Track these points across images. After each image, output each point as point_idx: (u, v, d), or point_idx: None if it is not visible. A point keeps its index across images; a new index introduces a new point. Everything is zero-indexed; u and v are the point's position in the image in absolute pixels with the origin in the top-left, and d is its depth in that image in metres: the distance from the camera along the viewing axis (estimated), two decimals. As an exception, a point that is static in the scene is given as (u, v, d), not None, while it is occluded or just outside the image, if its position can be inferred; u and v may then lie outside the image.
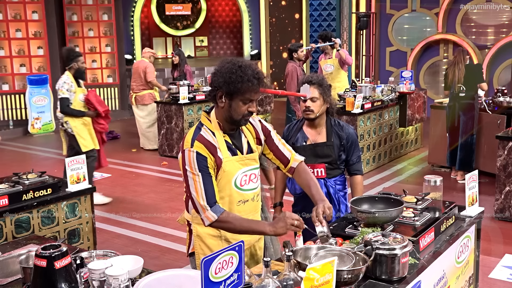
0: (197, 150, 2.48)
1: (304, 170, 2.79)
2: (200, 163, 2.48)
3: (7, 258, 2.61)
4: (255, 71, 2.48)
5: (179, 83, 8.77)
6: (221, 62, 2.56)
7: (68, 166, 3.86)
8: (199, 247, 2.66)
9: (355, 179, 3.53)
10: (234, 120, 2.54)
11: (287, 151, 2.80)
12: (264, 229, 2.48)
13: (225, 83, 2.46)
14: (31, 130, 10.65)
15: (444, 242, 2.73)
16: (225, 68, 2.49)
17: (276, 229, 2.44)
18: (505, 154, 5.47)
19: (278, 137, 2.81)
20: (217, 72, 2.52)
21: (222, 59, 2.59)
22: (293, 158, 2.80)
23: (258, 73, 2.49)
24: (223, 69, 2.49)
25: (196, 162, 2.48)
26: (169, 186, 7.03)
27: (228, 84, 2.46)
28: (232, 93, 2.47)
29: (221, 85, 2.48)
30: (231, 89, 2.46)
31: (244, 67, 2.47)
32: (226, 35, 17.45)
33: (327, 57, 8.26)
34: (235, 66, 2.47)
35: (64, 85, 5.96)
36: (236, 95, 2.47)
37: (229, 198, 2.59)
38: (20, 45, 11.01)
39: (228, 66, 2.49)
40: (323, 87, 3.41)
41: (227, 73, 2.46)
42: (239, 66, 2.48)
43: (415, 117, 8.29)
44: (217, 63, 2.60)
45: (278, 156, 2.78)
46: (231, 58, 2.57)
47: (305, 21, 13.21)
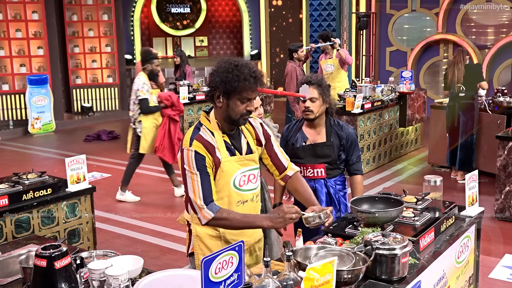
0: (195, 149, 2.49)
1: (299, 179, 2.83)
2: (199, 162, 2.48)
3: (7, 258, 2.61)
4: (251, 70, 2.48)
5: (179, 83, 8.81)
6: (218, 62, 2.56)
7: (68, 166, 3.86)
8: (198, 247, 2.66)
9: (355, 179, 3.53)
10: (232, 120, 2.54)
11: (285, 159, 2.82)
12: (261, 224, 2.48)
13: (222, 83, 2.47)
14: (31, 130, 10.65)
15: (444, 242, 2.73)
16: (222, 67, 2.50)
17: (274, 224, 2.44)
18: (505, 154, 5.47)
19: (277, 144, 2.83)
20: (214, 72, 2.52)
21: (219, 59, 2.60)
22: (290, 166, 2.82)
23: (255, 72, 2.49)
24: (220, 69, 2.50)
25: (195, 161, 2.48)
26: (169, 186, 7.02)
27: (225, 83, 2.46)
28: (229, 92, 2.48)
29: (218, 84, 2.48)
30: (228, 88, 2.46)
31: (241, 66, 2.47)
32: (226, 35, 17.44)
33: (328, 57, 8.26)
34: (232, 65, 2.48)
35: (144, 86, 6.16)
36: (233, 94, 2.48)
37: (228, 198, 2.59)
38: (20, 45, 11.01)
39: (225, 66, 2.49)
40: (322, 87, 3.41)
41: (224, 73, 2.47)
42: (235, 65, 2.48)
43: (415, 117, 8.29)
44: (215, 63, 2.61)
45: (275, 163, 2.79)
46: (228, 58, 2.57)
47: (305, 21, 13.20)
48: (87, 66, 12.24)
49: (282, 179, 2.83)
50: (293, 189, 2.83)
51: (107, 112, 12.42)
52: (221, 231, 2.62)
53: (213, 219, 2.48)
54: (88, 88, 12.29)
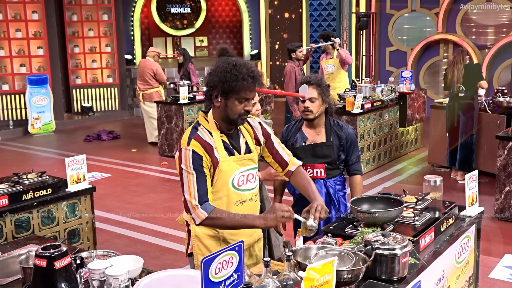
0: (193, 149, 2.49)
1: (301, 172, 2.80)
2: (196, 161, 2.48)
3: (7, 258, 2.61)
4: (250, 70, 2.48)
5: (178, 83, 8.84)
6: (216, 61, 2.56)
7: (68, 166, 3.86)
8: (197, 248, 2.65)
9: (354, 179, 3.53)
10: (230, 120, 2.54)
11: (286, 155, 2.81)
12: (254, 223, 2.47)
13: (220, 82, 2.47)
14: (31, 130, 10.65)
15: (444, 242, 2.73)
16: (220, 67, 2.50)
17: (266, 221, 2.43)
18: (505, 154, 5.47)
19: (278, 141, 2.81)
20: (212, 72, 2.52)
21: (217, 59, 2.60)
22: (292, 161, 2.81)
23: (253, 72, 2.49)
24: (218, 69, 2.50)
25: (192, 160, 2.48)
26: (169, 186, 7.03)
27: (223, 83, 2.46)
28: (228, 92, 2.47)
29: (216, 84, 2.48)
30: (226, 88, 2.46)
31: (239, 66, 2.47)
32: (226, 35, 17.43)
33: (329, 57, 8.26)
34: (230, 65, 2.47)
35: None
36: (231, 94, 2.47)
37: (226, 198, 2.58)
38: (20, 45, 11.01)
39: (223, 65, 2.49)
40: (321, 87, 3.41)
41: (222, 72, 2.47)
42: (233, 65, 2.48)
43: (415, 117, 8.29)
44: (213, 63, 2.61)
45: (277, 160, 2.78)
46: (226, 58, 2.57)
47: (305, 21, 13.20)
48: (87, 66, 12.24)
49: (285, 175, 2.82)
50: (297, 184, 2.80)
51: (107, 112, 12.42)
52: (220, 231, 2.62)
53: (207, 218, 2.48)
54: (88, 88, 12.29)
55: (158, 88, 9.21)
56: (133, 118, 12.56)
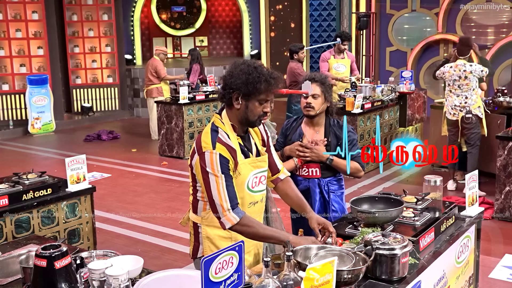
0: (220, 152, 2.46)
1: (290, 182, 2.84)
2: (223, 165, 2.46)
3: (7, 258, 2.60)
4: (269, 71, 2.49)
5: (178, 83, 8.85)
6: (233, 64, 2.54)
7: (68, 166, 3.86)
8: (209, 249, 2.63)
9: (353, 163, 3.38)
10: (249, 122, 2.54)
11: (279, 162, 2.85)
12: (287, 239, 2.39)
13: (243, 84, 2.45)
14: (31, 130, 10.65)
15: (444, 242, 2.73)
16: (239, 69, 2.48)
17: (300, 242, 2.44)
18: (505, 154, 5.47)
19: (272, 147, 2.85)
20: (232, 74, 2.49)
21: (233, 61, 2.57)
22: (283, 170, 2.84)
23: (272, 73, 2.50)
24: (238, 70, 2.48)
25: (220, 164, 2.46)
26: (169, 186, 7.02)
27: (246, 85, 2.45)
28: (250, 94, 2.46)
29: (239, 86, 2.46)
30: (249, 90, 2.45)
31: (259, 68, 2.48)
32: (226, 35, 17.42)
33: (340, 56, 8.23)
34: (251, 67, 2.47)
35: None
36: (253, 95, 2.47)
37: (241, 200, 2.57)
38: (20, 45, 11.01)
39: (243, 68, 2.48)
40: (325, 86, 3.42)
41: (244, 74, 2.45)
42: (254, 67, 2.47)
43: (415, 117, 8.29)
44: (224, 64, 2.61)
45: (270, 162, 2.79)
46: (243, 60, 2.56)
47: (305, 21, 13.20)
48: (87, 66, 12.24)
49: (273, 181, 2.83)
50: (283, 193, 2.83)
51: (107, 112, 12.42)
52: (232, 232, 2.58)
53: (238, 224, 2.46)
54: (88, 88, 12.29)
55: (158, 84, 9.39)
56: (133, 118, 12.56)
